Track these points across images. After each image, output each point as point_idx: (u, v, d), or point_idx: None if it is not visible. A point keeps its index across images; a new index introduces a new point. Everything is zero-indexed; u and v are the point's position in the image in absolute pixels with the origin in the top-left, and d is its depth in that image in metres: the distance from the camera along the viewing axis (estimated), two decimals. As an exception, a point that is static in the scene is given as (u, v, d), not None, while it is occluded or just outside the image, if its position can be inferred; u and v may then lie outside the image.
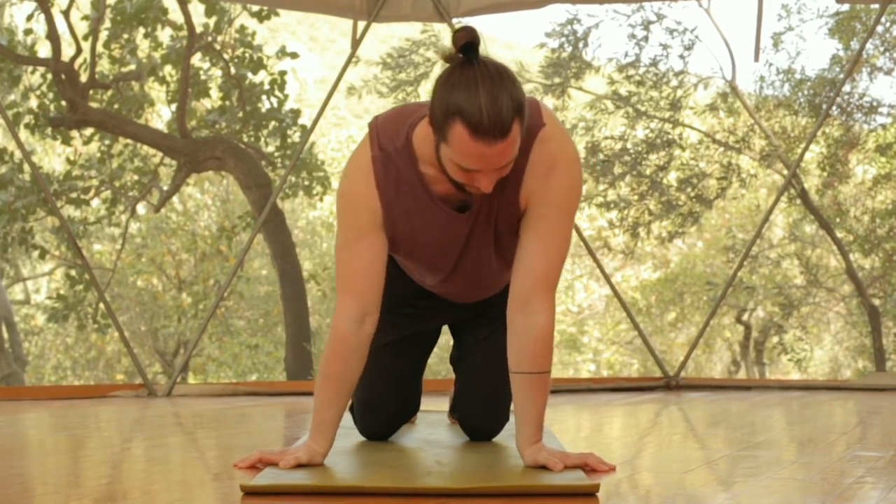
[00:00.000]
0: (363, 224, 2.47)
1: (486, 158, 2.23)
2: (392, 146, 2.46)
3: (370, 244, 2.47)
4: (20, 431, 3.68)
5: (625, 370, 15.52)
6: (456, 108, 2.21)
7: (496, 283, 2.72)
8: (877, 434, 3.42)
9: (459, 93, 2.22)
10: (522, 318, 2.44)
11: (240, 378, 13.04)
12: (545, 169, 2.42)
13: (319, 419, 2.50)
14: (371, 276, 2.48)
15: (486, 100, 2.19)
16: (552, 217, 2.44)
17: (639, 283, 14.96)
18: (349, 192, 2.48)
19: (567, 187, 2.44)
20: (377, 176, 2.45)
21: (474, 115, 2.19)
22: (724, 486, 2.33)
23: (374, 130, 2.49)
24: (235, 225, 12.11)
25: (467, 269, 2.61)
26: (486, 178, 2.27)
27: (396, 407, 2.98)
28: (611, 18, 10.12)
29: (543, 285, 2.44)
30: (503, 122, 2.20)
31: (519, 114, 2.23)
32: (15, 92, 10.77)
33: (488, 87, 2.21)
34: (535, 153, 2.41)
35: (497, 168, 2.26)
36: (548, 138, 2.42)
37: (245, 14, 10.35)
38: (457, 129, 2.21)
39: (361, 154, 2.49)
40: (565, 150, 2.45)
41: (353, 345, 2.48)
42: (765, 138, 10.20)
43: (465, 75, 2.23)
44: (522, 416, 2.47)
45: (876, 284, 10.95)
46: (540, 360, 2.45)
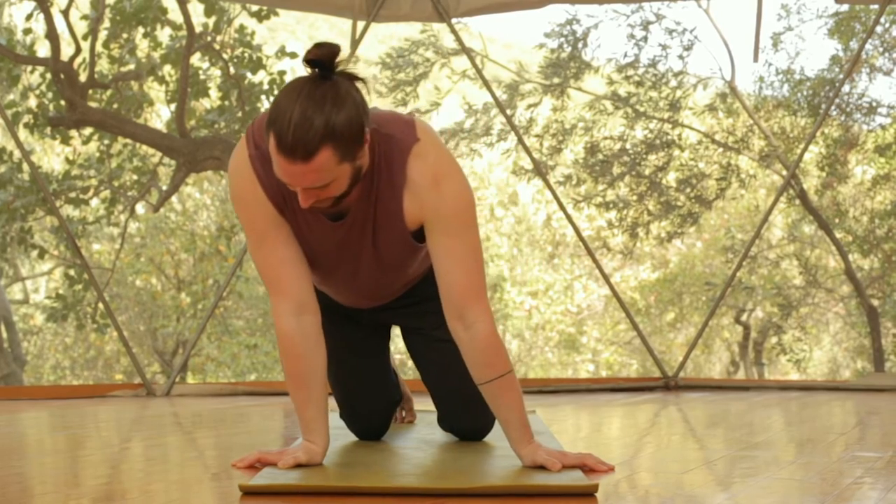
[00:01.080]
0: (263, 222, 2.48)
1: (289, 175, 2.25)
2: (266, 145, 2.44)
3: (278, 238, 2.48)
4: (19, 431, 3.68)
5: (624, 370, 15.52)
6: (273, 117, 2.23)
7: (385, 290, 2.74)
8: (875, 434, 3.42)
9: (282, 103, 2.23)
10: (463, 331, 2.46)
11: (238, 378, 13.04)
12: (429, 182, 2.43)
13: (305, 420, 2.51)
14: (292, 269, 2.49)
15: (297, 117, 2.20)
16: (456, 229, 2.45)
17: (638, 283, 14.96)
18: (238, 195, 2.49)
19: (457, 196, 2.45)
20: (258, 173, 2.45)
21: (282, 129, 2.21)
22: (723, 487, 2.33)
23: (250, 131, 2.49)
24: (234, 225, 12.10)
25: (345, 274, 2.63)
26: (301, 195, 2.28)
27: (372, 401, 2.99)
28: (610, 19, 10.13)
29: (471, 295, 2.45)
30: (306, 146, 2.20)
31: (333, 141, 2.21)
32: (14, 91, 10.77)
33: (304, 105, 2.21)
34: (411, 168, 2.43)
35: (305, 187, 2.27)
36: (423, 153, 2.44)
37: (244, 14, 10.35)
38: (271, 137, 2.24)
39: (239, 155, 2.49)
40: (443, 161, 2.46)
41: (299, 339, 2.49)
42: (764, 139, 10.20)
43: (296, 88, 2.24)
44: (503, 420, 2.48)
45: (875, 285, 10.95)
46: (495, 365, 2.46)
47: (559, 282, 15.82)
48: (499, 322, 14.61)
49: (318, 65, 2.25)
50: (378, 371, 3.00)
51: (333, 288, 2.73)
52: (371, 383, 2.97)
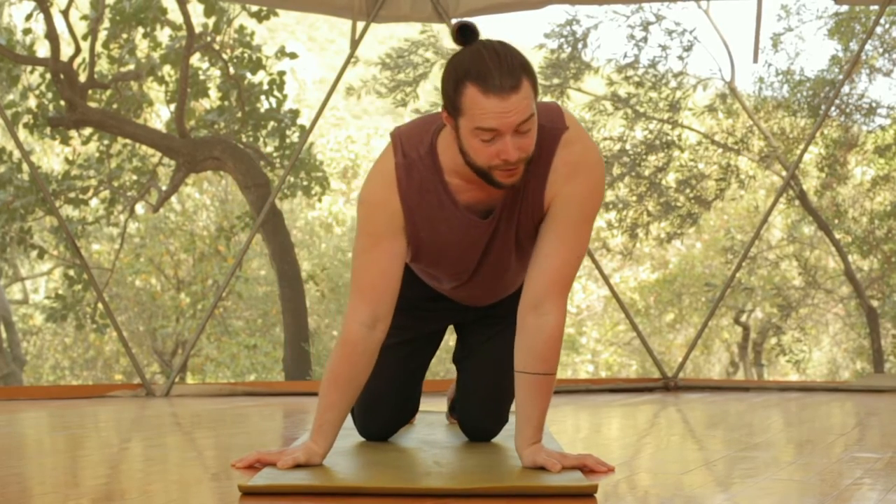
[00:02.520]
0: (382, 230, 2.47)
1: (502, 113, 2.25)
2: (416, 153, 2.46)
3: (388, 250, 2.48)
4: (18, 431, 3.68)
5: (623, 371, 15.52)
6: (464, 74, 2.26)
7: (512, 285, 2.73)
8: (875, 435, 3.42)
9: (465, 62, 2.28)
10: (534, 318, 2.44)
11: (238, 378, 13.04)
12: (568, 172, 2.43)
13: (322, 420, 2.50)
14: (386, 283, 2.48)
15: (493, 59, 2.25)
16: (571, 219, 2.44)
17: (637, 283, 14.96)
18: (369, 198, 2.49)
19: (589, 190, 2.45)
20: (400, 182, 2.45)
21: (483, 73, 2.24)
22: (723, 487, 2.33)
23: (398, 139, 2.49)
24: (234, 225, 12.10)
25: (487, 273, 2.62)
26: (508, 144, 2.27)
27: (397, 408, 2.98)
28: (610, 19, 10.13)
29: (557, 286, 2.44)
30: (512, 75, 2.25)
31: (527, 72, 2.28)
32: (14, 91, 10.77)
33: (492, 50, 2.27)
34: (558, 157, 2.42)
35: (516, 125, 2.26)
36: (571, 142, 2.43)
37: (244, 14, 10.35)
38: (468, 92, 2.26)
39: (385, 161, 2.49)
40: (588, 154, 2.45)
41: (361, 349, 2.48)
42: (763, 139, 10.20)
43: (470, 50, 2.29)
44: (524, 416, 2.46)
45: (874, 286, 10.95)
46: (548, 362, 2.45)
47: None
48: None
49: (471, 32, 2.31)
50: (415, 382, 3.00)
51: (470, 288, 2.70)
52: (402, 388, 2.96)
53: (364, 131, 18.19)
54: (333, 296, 14.49)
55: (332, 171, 15.64)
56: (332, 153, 16.53)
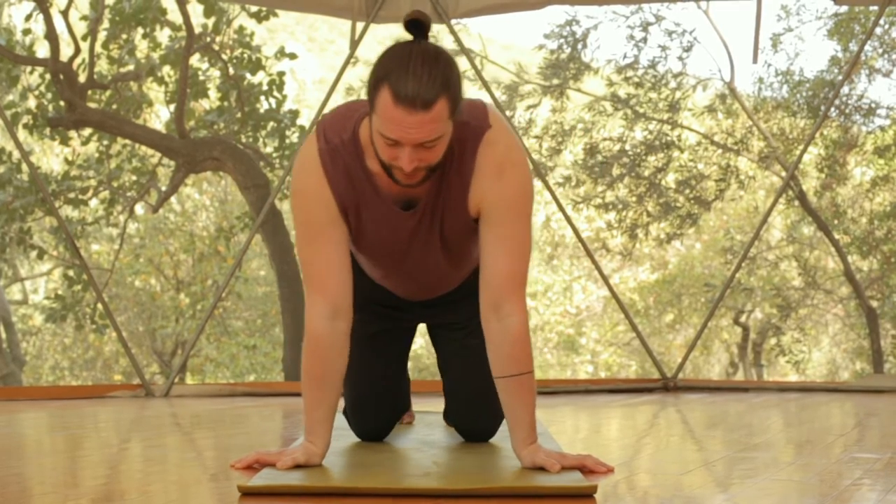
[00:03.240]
0: (320, 219, 2.47)
1: (404, 127, 2.24)
2: (338, 139, 2.45)
3: (331, 239, 2.47)
4: (18, 431, 3.68)
5: (623, 371, 15.52)
6: (385, 74, 2.24)
7: (445, 282, 2.74)
8: (874, 436, 3.42)
9: (392, 62, 2.25)
10: (496, 322, 2.45)
11: (237, 378, 13.04)
12: (494, 172, 2.43)
13: (311, 420, 2.50)
14: (337, 272, 2.48)
15: (416, 70, 2.22)
16: (509, 220, 2.45)
17: (637, 284, 14.97)
18: (301, 189, 2.48)
19: (517, 189, 2.45)
20: (325, 168, 2.45)
21: (399, 81, 2.22)
22: (722, 488, 2.33)
23: (321, 125, 2.49)
24: (233, 225, 12.10)
25: (411, 266, 2.62)
26: (406, 155, 2.27)
27: (384, 405, 2.98)
28: (609, 20, 10.14)
29: (511, 287, 2.44)
30: (427, 94, 2.22)
31: (447, 92, 2.25)
32: (13, 92, 10.77)
33: (420, 60, 2.24)
34: (481, 155, 2.43)
35: (416, 143, 2.26)
36: (494, 141, 2.43)
37: (244, 14, 10.35)
38: (383, 94, 2.24)
39: (308, 149, 2.48)
40: (512, 153, 2.45)
41: (328, 342, 2.48)
42: (763, 140, 10.21)
43: (402, 48, 2.27)
44: (513, 418, 2.47)
45: (874, 286, 10.95)
46: (520, 362, 2.46)
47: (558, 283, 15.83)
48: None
49: (419, 27, 2.29)
50: (395, 374, 3.00)
51: (397, 280, 2.71)
52: (385, 385, 2.96)
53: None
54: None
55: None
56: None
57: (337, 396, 2.52)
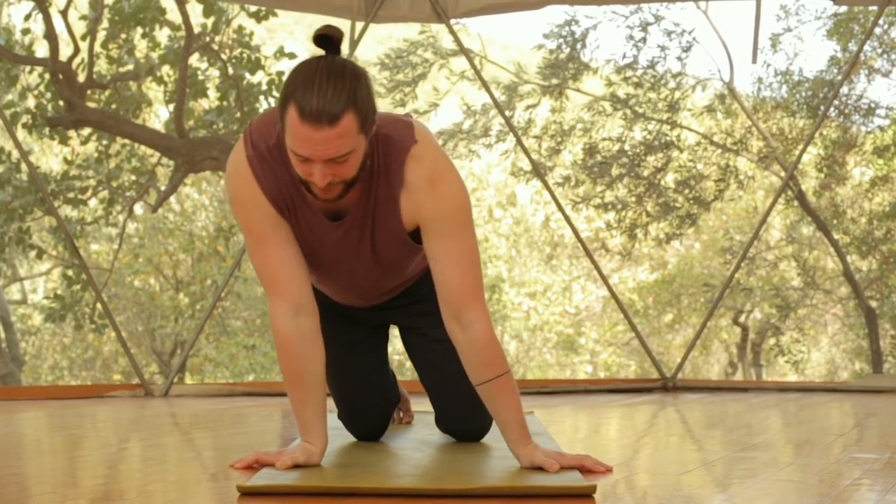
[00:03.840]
0: (261, 222, 2.47)
1: (312, 144, 2.24)
2: (264, 144, 2.45)
3: (276, 239, 2.48)
4: (17, 431, 3.68)
5: (622, 371, 15.52)
6: (291, 91, 2.25)
7: (383, 289, 2.75)
8: (873, 436, 3.42)
9: (298, 79, 2.26)
10: (461, 332, 2.47)
11: (237, 378, 13.03)
12: (425, 186, 2.44)
13: (303, 421, 2.51)
14: (290, 269, 2.49)
15: (321, 86, 2.22)
16: (452, 232, 2.46)
17: (636, 284, 14.96)
18: (236, 195, 2.49)
19: (454, 199, 2.46)
20: (255, 173, 2.45)
21: (304, 98, 2.22)
22: (721, 488, 2.33)
23: (248, 131, 2.49)
24: (233, 225, 12.10)
25: (343, 273, 2.64)
26: (319, 171, 2.28)
27: (372, 402, 2.99)
28: (609, 20, 10.13)
29: (468, 296, 2.46)
30: (332, 109, 2.22)
31: (354, 106, 2.24)
32: (13, 92, 10.76)
33: (326, 76, 2.24)
34: (409, 170, 2.44)
35: (326, 158, 2.26)
36: (420, 156, 2.45)
37: (243, 14, 10.35)
38: (290, 112, 2.25)
39: (236, 155, 2.49)
40: (439, 164, 2.47)
41: (297, 339, 2.48)
42: (762, 140, 10.21)
43: (308, 64, 2.28)
44: (502, 421, 2.48)
45: (873, 286, 10.95)
46: (493, 366, 2.47)
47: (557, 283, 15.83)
48: (497, 323, 14.61)
49: (328, 42, 2.29)
50: (376, 371, 3.00)
51: (332, 287, 2.74)
52: (369, 383, 2.97)
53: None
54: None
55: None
56: (331, 153, 16.50)
57: (322, 394, 2.53)
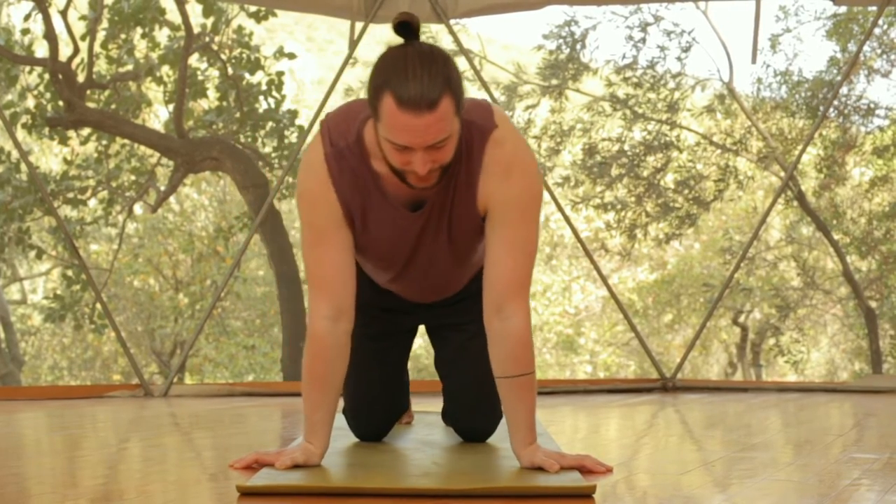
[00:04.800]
0: (326, 222, 2.47)
1: (413, 131, 2.23)
2: (344, 142, 2.45)
3: (336, 242, 2.47)
4: (16, 431, 3.68)
5: (621, 372, 15.52)
6: (385, 81, 2.23)
7: (452, 283, 2.73)
8: (873, 436, 3.42)
9: (389, 68, 2.24)
10: (498, 322, 2.46)
11: (236, 378, 13.03)
12: (501, 171, 2.43)
13: (311, 421, 2.50)
14: (341, 274, 2.48)
15: (415, 72, 2.21)
16: (516, 220, 2.44)
17: (636, 284, 14.96)
18: (306, 192, 2.48)
19: (525, 190, 2.45)
20: (331, 172, 2.44)
21: (401, 86, 2.21)
22: (721, 488, 2.33)
23: (326, 127, 2.48)
24: (232, 225, 12.09)
25: (419, 267, 2.62)
26: (419, 159, 2.27)
27: (383, 407, 2.98)
28: (608, 20, 10.13)
29: (515, 289, 2.45)
30: (430, 94, 2.21)
31: (449, 89, 2.24)
32: (12, 92, 10.76)
33: (417, 62, 2.23)
34: (488, 155, 2.42)
35: (427, 145, 2.25)
36: (501, 140, 2.43)
37: (243, 14, 10.34)
38: (386, 101, 2.23)
39: (314, 152, 2.48)
40: (520, 153, 2.46)
41: (330, 342, 2.48)
42: (762, 140, 10.21)
43: (397, 53, 2.27)
44: (513, 419, 2.47)
45: (873, 287, 10.95)
46: (522, 363, 2.46)
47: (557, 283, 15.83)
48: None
49: (408, 29, 2.28)
50: (395, 375, 3.00)
51: (405, 283, 2.71)
52: (385, 386, 2.96)
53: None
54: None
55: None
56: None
57: (337, 398, 2.52)
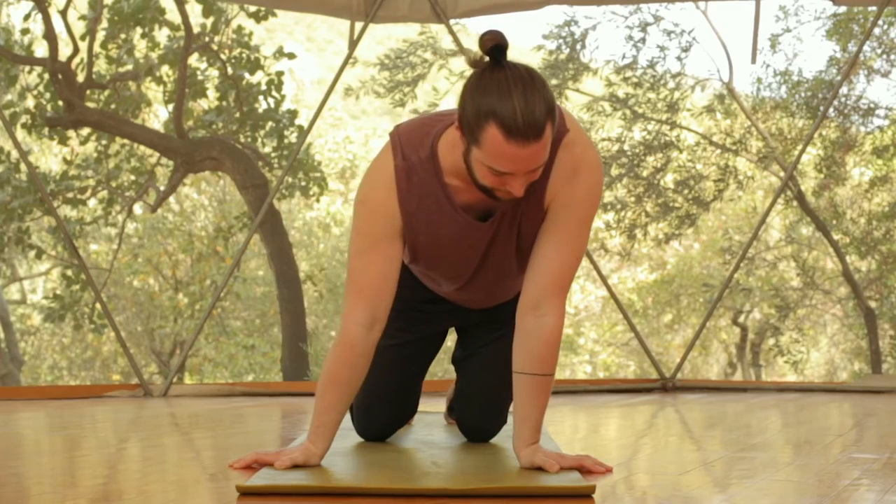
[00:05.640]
0: (380, 232, 2.46)
1: (519, 160, 2.24)
2: (416, 156, 2.45)
3: (385, 253, 2.47)
4: (16, 431, 3.68)
5: (621, 372, 15.52)
6: (489, 111, 2.21)
7: (513, 288, 2.71)
8: (872, 436, 3.42)
9: (492, 96, 2.22)
10: (533, 319, 2.45)
11: (236, 378, 13.02)
12: (568, 173, 2.43)
13: (320, 422, 2.49)
14: (383, 284, 2.48)
15: (520, 102, 2.20)
16: (570, 220, 2.44)
17: (635, 284, 14.96)
18: (369, 200, 2.47)
19: (587, 191, 2.45)
20: (399, 186, 2.44)
21: (508, 118, 2.20)
22: (720, 488, 2.33)
23: (397, 140, 2.47)
24: (232, 225, 12.09)
25: (487, 276, 2.61)
26: (518, 182, 2.28)
27: (396, 410, 2.98)
28: (608, 20, 10.13)
29: (556, 287, 2.45)
30: (537, 124, 2.21)
31: (551, 115, 2.24)
32: (12, 92, 10.76)
33: (521, 89, 2.22)
34: (559, 158, 2.42)
35: (529, 171, 2.27)
36: (572, 143, 2.43)
37: (242, 14, 10.34)
38: (490, 131, 2.22)
39: (384, 162, 2.47)
40: (588, 155, 2.46)
41: (360, 350, 2.48)
42: (762, 140, 10.21)
43: (497, 78, 2.24)
44: (522, 416, 2.47)
45: (872, 287, 10.95)
46: (546, 363, 2.46)
47: (557, 283, 15.79)
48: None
49: (500, 51, 2.26)
50: (414, 386, 2.99)
51: (470, 291, 2.70)
52: (402, 390, 2.96)
53: (362, 132, 18.17)
54: (331, 296, 14.49)
55: (331, 172, 15.62)
56: (331, 154, 16.52)
57: (348, 403, 2.53)
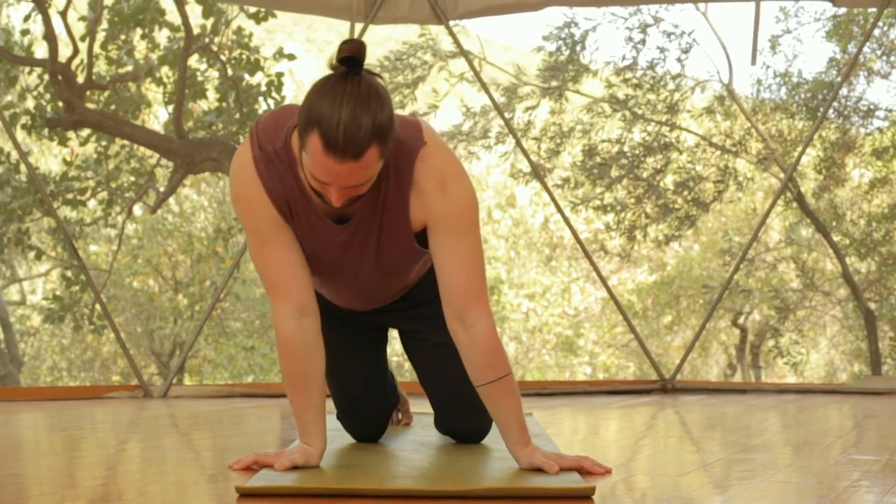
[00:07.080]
0: (265, 224, 2.47)
1: (334, 174, 2.25)
2: (271, 147, 2.45)
3: (281, 241, 2.48)
4: (16, 432, 3.68)
5: (621, 373, 15.52)
6: (317, 118, 2.23)
7: (382, 293, 2.74)
8: (872, 438, 3.42)
9: (325, 104, 2.23)
10: (463, 333, 2.47)
11: (235, 379, 13.03)
12: (435, 186, 2.45)
13: (302, 423, 2.51)
14: (294, 272, 2.49)
15: (347, 117, 2.21)
16: (458, 230, 2.46)
17: (635, 285, 14.96)
18: (240, 196, 2.49)
19: (463, 199, 2.47)
20: (261, 175, 2.45)
21: (331, 130, 2.21)
22: (720, 490, 2.33)
23: (255, 131, 2.48)
24: (232, 226, 12.09)
25: (345, 277, 2.63)
26: (336, 194, 2.29)
27: (372, 406, 2.99)
28: (608, 21, 10.13)
29: (472, 297, 2.46)
30: (357, 144, 2.21)
31: (378, 139, 2.24)
32: (12, 93, 10.76)
33: (352, 105, 2.22)
34: (418, 171, 2.44)
35: (346, 187, 2.28)
36: (429, 156, 2.45)
37: (242, 15, 10.35)
38: (313, 138, 2.23)
39: (242, 155, 2.48)
40: (449, 165, 2.47)
41: (300, 342, 2.49)
42: (761, 141, 10.21)
43: (336, 88, 2.24)
44: (501, 423, 2.48)
45: (872, 288, 10.95)
46: (495, 367, 2.47)
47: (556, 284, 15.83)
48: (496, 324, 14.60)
49: (353, 62, 2.26)
50: (375, 373, 3.00)
51: (333, 291, 2.74)
52: (368, 385, 2.97)
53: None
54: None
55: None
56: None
57: (322, 396, 2.53)
